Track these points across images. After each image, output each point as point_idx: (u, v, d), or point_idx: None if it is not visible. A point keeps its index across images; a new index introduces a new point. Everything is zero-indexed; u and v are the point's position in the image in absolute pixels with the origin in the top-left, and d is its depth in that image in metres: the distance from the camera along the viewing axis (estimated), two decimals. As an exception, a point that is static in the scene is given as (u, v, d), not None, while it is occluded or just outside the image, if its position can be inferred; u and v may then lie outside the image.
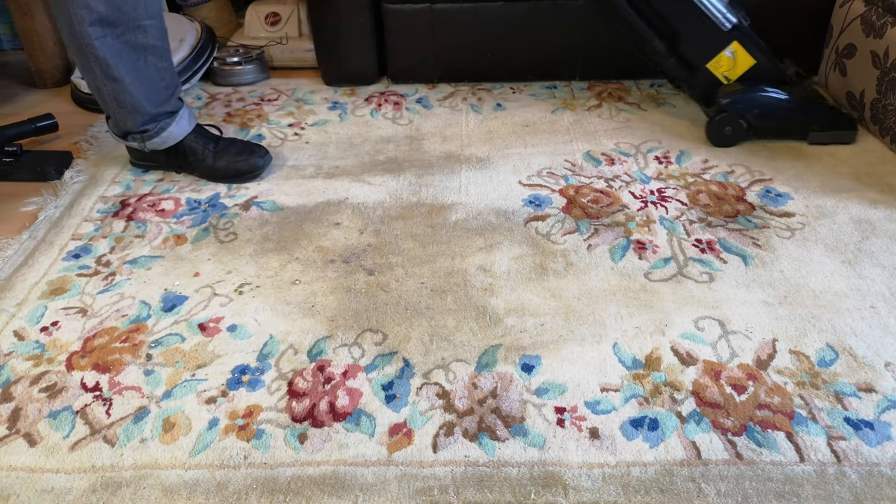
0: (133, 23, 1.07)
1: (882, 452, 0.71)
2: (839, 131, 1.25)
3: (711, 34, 1.21)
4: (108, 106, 1.16)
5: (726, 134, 1.25)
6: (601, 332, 0.86)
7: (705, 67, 1.25)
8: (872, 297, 0.91)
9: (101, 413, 0.78)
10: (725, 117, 1.24)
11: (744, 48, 1.22)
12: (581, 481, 0.69)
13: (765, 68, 1.24)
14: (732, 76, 1.24)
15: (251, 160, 1.21)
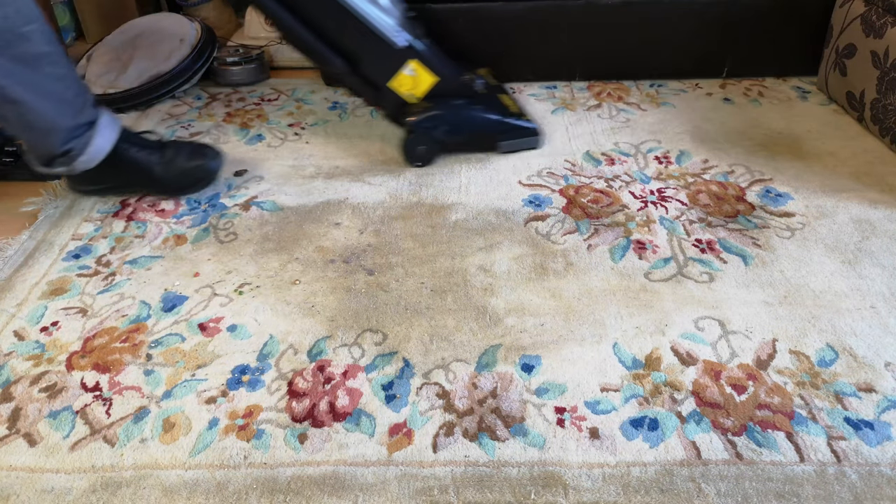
0: (11, 34, 0.93)
1: (882, 452, 0.71)
2: (525, 138, 1.25)
3: (386, 54, 1.18)
4: (20, 134, 1.04)
5: (421, 153, 1.23)
6: (601, 332, 0.86)
7: (387, 86, 1.21)
8: (872, 297, 0.91)
9: (101, 413, 0.78)
10: (415, 137, 1.22)
11: (423, 66, 1.19)
12: (581, 481, 0.69)
13: (449, 84, 1.22)
14: (418, 94, 1.22)
15: (205, 165, 1.10)
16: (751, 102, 1.45)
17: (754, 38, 1.50)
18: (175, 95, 1.55)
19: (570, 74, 1.57)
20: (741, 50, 1.52)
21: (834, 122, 1.36)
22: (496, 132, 1.25)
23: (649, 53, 1.53)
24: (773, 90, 1.50)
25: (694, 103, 1.46)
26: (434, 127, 1.22)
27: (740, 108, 1.43)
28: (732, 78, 1.56)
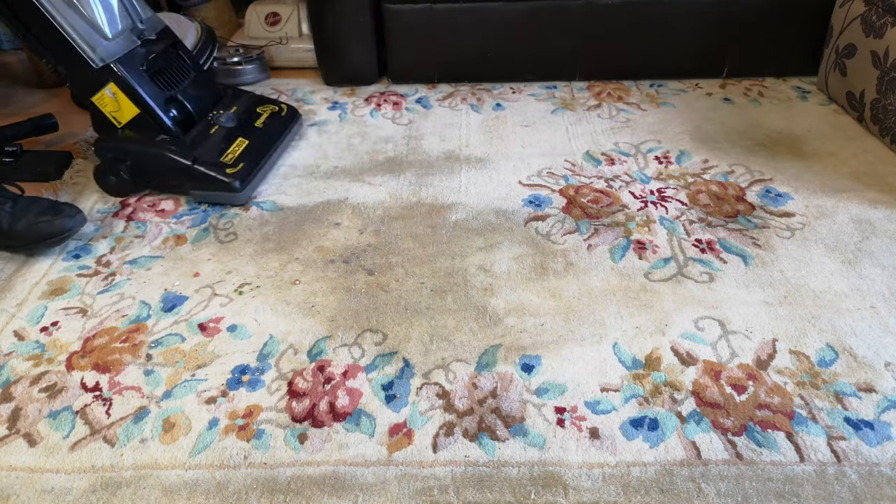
0: None
1: (882, 452, 0.71)
2: (219, 192, 1.13)
3: (83, 69, 1.10)
4: None
5: (112, 183, 1.16)
6: (601, 332, 0.86)
7: (91, 101, 1.14)
8: (872, 297, 0.91)
9: (100, 413, 0.78)
10: (103, 165, 1.15)
11: (124, 94, 1.10)
12: (581, 481, 0.69)
13: (148, 121, 1.14)
14: (122, 119, 1.14)
15: (57, 221, 1.02)
16: (751, 102, 1.45)
17: (754, 38, 1.50)
18: (175, 95, 1.55)
19: (570, 74, 1.57)
20: (741, 50, 1.52)
21: (834, 122, 1.36)
22: (186, 179, 1.13)
23: (649, 53, 1.53)
24: (773, 90, 1.50)
25: (694, 103, 1.46)
26: (118, 160, 1.14)
27: (740, 108, 1.43)
28: (732, 78, 1.56)
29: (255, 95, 1.37)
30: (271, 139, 1.26)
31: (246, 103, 1.32)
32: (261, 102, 1.35)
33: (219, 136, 1.21)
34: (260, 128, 1.27)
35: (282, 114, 1.33)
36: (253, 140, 1.22)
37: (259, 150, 1.20)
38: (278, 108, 1.34)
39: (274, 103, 1.35)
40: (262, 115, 1.30)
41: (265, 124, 1.28)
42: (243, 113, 1.28)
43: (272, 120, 1.30)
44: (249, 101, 1.33)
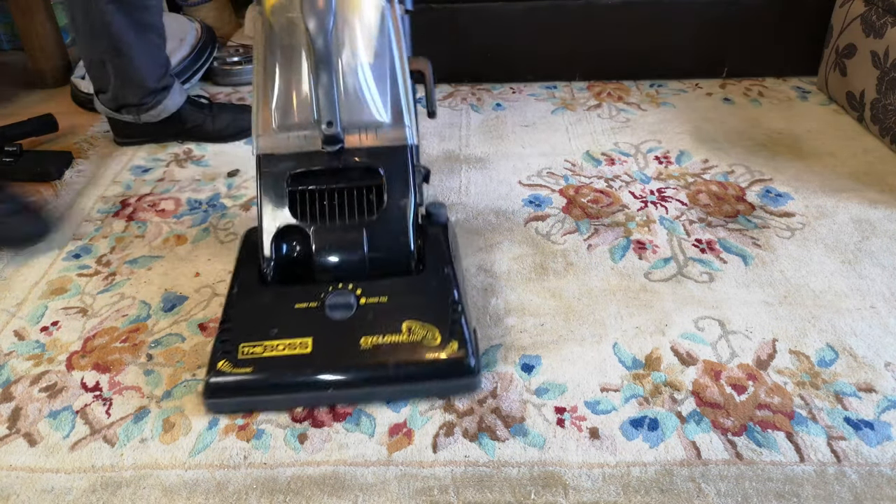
0: (141, 3, 1.18)
1: (882, 452, 0.71)
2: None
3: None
4: (107, 80, 1.23)
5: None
6: (601, 332, 0.86)
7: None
8: (872, 297, 0.91)
9: (101, 413, 0.78)
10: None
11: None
12: (581, 481, 0.69)
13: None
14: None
15: (244, 120, 1.30)
16: (751, 102, 1.45)
17: (754, 38, 1.50)
18: (175, 95, 1.55)
19: (570, 74, 1.57)
20: (741, 50, 1.52)
21: (834, 122, 1.36)
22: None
23: (649, 53, 1.53)
24: (773, 90, 1.50)
25: (694, 103, 1.46)
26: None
27: (740, 108, 1.43)
28: (732, 78, 1.56)
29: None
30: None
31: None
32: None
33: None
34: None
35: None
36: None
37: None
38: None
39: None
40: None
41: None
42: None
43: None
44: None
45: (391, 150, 0.84)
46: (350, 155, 0.84)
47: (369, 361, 0.74)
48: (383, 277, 0.81)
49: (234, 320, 0.78)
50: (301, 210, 0.84)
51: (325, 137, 0.82)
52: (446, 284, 0.79)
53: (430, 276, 0.81)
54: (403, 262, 0.82)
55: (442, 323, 0.76)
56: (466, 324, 0.76)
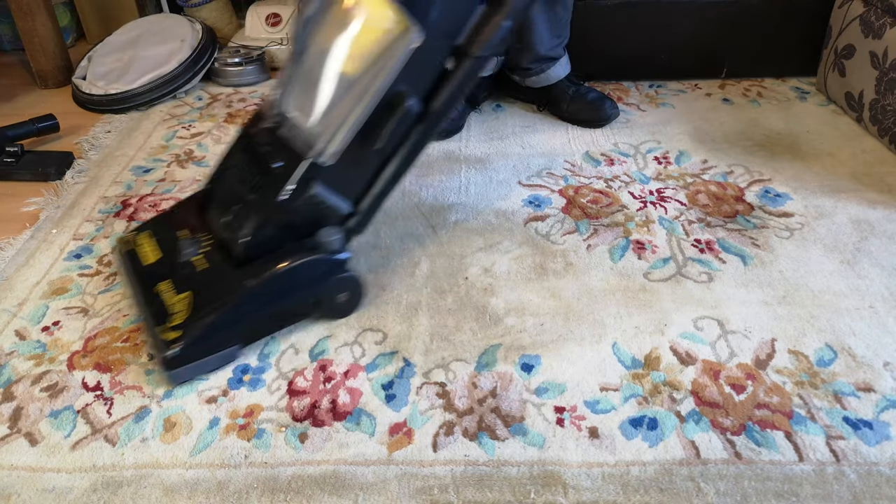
0: None
1: (881, 452, 0.71)
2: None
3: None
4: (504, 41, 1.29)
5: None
6: (601, 332, 0.87)
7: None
8: (871, 297, 0.91)
9: (102, 412, 0.78)
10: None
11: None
12: (580, 480, 0.69)
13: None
14: None
15: (600, 111, 1.36)
16: (750, 103, 1.45)
17: (754, 39, 1.50)
18: (176, 96, 1.55)
19: (570, 75, 1.57)
20: (740, 50, 1.52)
21: (833, 123, 1.36)
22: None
23: (649, 53, 1.53)
24: (773, 90, 1.50)
25: (693, 104, 1.46)
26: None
27: (739, 109, 1.43)
28: (732, 78, 1.56)
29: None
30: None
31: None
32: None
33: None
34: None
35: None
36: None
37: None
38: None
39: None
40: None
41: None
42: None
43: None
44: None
45: (294, 152, 0.84)
46: (278, 140, 0.87)
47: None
48: (225, 251, 0.85)
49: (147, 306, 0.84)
50: (217, 171, 0.94)
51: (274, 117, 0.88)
52: (233, 293, 0.81)
53: (233, 278, 0.82)
54: (239, 251, 0.84)
55: (195, 313, 0.80)
56: (205, 333, 0.79)
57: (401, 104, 0.82)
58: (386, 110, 0.82)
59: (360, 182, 0.88)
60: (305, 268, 0.84)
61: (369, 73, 0.81)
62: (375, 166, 0.88)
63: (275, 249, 0.83)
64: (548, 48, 1.35)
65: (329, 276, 0.86)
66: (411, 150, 0.88)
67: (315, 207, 0.84)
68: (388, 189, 0.90)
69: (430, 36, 0.80)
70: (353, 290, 0.90)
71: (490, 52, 0.86)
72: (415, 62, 0.80)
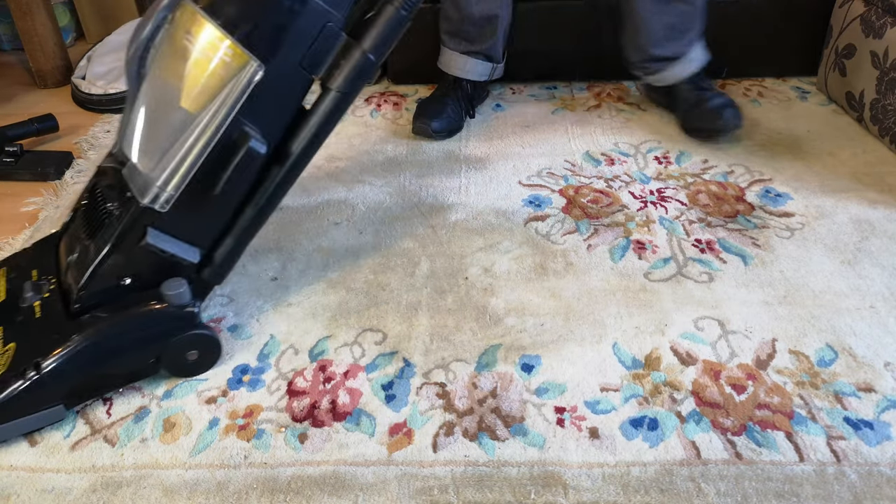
0: None
1: (882, 452, 0.71)
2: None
3: None
4: (621, 30, 1.26)
5: None
6: (601, 332, 0.87)
7: None
8: (872, 297, 0.91)
9: (101, 413, 0.78)
10: None
11: None
12: (581, 481, 0.69)
13: None
14: None
15: (717, 120, 1.25)
16: (750, 102, 1.45)
17: (754, 38, 1.50)
18: (175, 96, 1.55)
19: (570, 74, 1.57)
20: (741, 50, 1.52)
21: (833, 123, 1.36)
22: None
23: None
24: (773, 90, 1.50)
25: (694, 103, 1.46)
26: None
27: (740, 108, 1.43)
28: (732, 78, 1.56)
29: None
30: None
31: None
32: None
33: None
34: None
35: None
36: None
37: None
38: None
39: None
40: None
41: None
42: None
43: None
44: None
45: (131, 195, 0.76)
46: (120, 181, 0.78)
47: None
48: (65, 297, 0.79)
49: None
50: (75, 207, 0.86)
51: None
52: (56, 349, 0.73)
53: (64, 330, 0.75)
54: (73, 300, 0.77)
55: (12, 368, 0.72)
56: (18, 393, 0.71)
57: (243, 145, 0.74)
58: (227, 152, 0.74)
59: (211, 230, 0.81)
60: (146, 322, 0.77)
61: (207, 110, 0.73)
62: (227, 213, 0.80)
63: (117, 299, 0.76)
64: (662, 47, 1.25)
65: (174, 333, 0.78)
66: (269, 197, 0.81)
67: (154, 256, 0.77)
68: (246, 237, 0.83)
69: (276, 70, 0.73)
70: (203, 348, 0.81)
71: (352, 88, 0.79)
72: (260, 98, 0.73)
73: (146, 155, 0.75)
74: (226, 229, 0.82)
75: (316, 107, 0.80)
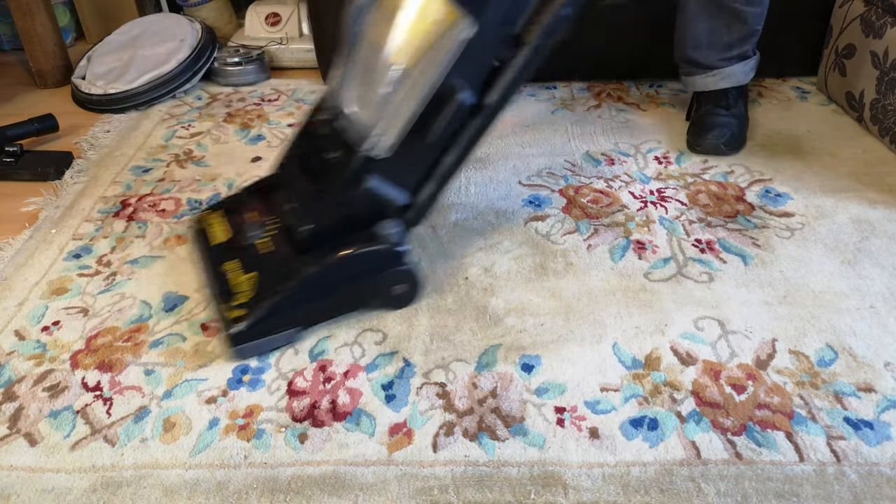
0: None
1: (882, 452, 0.71)
2: None
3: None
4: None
5: None
6: (601, 332, 0.87)
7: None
8: (872, 297, 0.91)
9: (101, 413, 0.78)
10: None
11: None
12: (581, 481, 0.69)
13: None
14: None
15: (698, 136, 1.24)
16: (750, 103, 1.45)
17: (754, 39, 1.50)
18: (175, 96, 1.55)
19: (570, 74, 1.57)
20: (741, 50, 1.51)
21: (833, 123, 1.36)
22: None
23: (649, 54, 1.53)
24: (773, 90, 1.50)
25: (694, 103, 1.46)
26: None
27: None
28: (732, 78, 1.56)
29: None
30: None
31: None
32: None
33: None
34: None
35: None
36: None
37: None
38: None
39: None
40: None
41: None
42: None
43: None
44: None
45: (349, 145, 0.86)
46: (335, 132, 0.89)
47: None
48: (289, 236, 0.89)
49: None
50: (284, 158, 0.98)
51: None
52: (294, 278, 0.84)
53: (295, 263, 0.85)
54: (299, 239, 0.87)
55: (259, 294, 0.83)
56: (267, 314, 0.82)
57: (453, 97, 0.81)
58: (439, 103, 0.81)
59: (416, 175, 0.89)
60: (364, 258, 0.86)
61: (422, 65, 0.81)
62: (431, 159, 0.88)
63: (335, 238, 0.85)
64: (698, 51, 1.24)
65: (387, 268, 0.88)
66: (467, 144, 0.88)
67: (371, 200, 0.86)
68: (444, 182, 0.90)
69: (483, 26, 0.78)
70: (410, 283, 0.91)
71: (547, 41, 0.84)
72: (468, 54, 0.79)
73: (365, 107, 0.85)
74: (428, 174, 0.89)
75: (510, 61, 0.84)
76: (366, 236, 0.86)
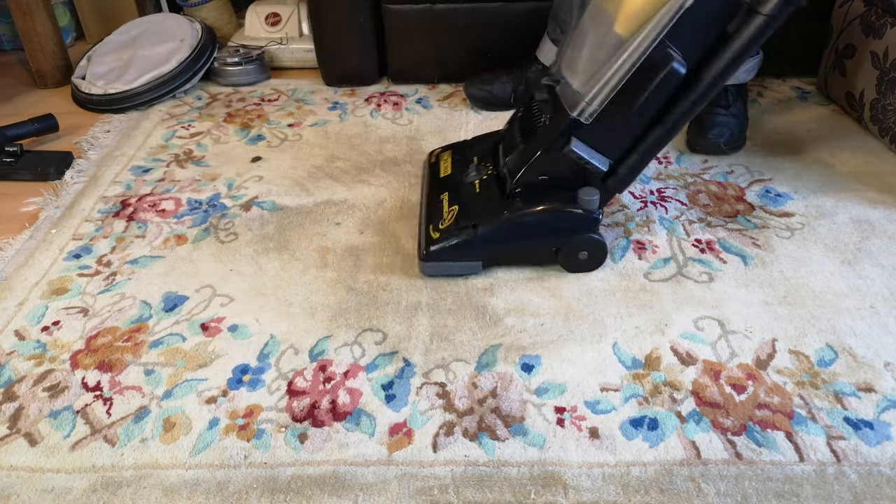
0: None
1: (881, 452, 0.71)
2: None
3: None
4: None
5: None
6: (601, 332, 0.87)
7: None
8: (872, 297, 0.91)
9: (101, 413, 0.78)
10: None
11: None
12: (581, 481, 0.69)
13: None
14: None
15: (697, 136, 1.23)
16: (750, 103, 1.45)
17: (754, 39, 1.50)
18: (175, 96, 1.55)
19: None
20: (741, 50, 1.51)
21: (833, 123, 1.36)
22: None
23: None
24: (773, 90, 1.50)
25: (694, 103, 1.46)
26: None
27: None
28: (732, 78, 1.56)
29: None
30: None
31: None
32: None
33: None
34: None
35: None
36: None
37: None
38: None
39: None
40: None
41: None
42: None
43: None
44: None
45: (562, 108, 0.89)
46: (554, 96, 0.94)
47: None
48: (500, 183, 0.97)
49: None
50: (511, 118, 1.07)
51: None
52: (490, 218, 0.93)
53: (496, 207, 0.94)
54: (508, 188, 0.94)
55: (457, 224, 0.94)
56: (456, 242, 0.93)
57: (665, 67, 0.80)
58: (649, 72, 0.81)
59: (621, 144, 0.90)
60: (560, 217, 0.92)
61: (638, 34, 0.80)
62: (637, 130, 0.89)
63: (538, 195, 0.92)
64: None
65: (577, 232, 0.92)
66: (678, 118, 0.87)
67: (573, 163, 0.89)
68: (650, 155, 0.91)
69: None
70: (595, 252, 0.94)
71: (784, 10, 0.81)
72: (687, 23, 0.77)
73: (579, 74, 0.88)
74: (632, 145, 0.90)
75: (739, 30, 0.83)
76: (567, 197, 0.91)
